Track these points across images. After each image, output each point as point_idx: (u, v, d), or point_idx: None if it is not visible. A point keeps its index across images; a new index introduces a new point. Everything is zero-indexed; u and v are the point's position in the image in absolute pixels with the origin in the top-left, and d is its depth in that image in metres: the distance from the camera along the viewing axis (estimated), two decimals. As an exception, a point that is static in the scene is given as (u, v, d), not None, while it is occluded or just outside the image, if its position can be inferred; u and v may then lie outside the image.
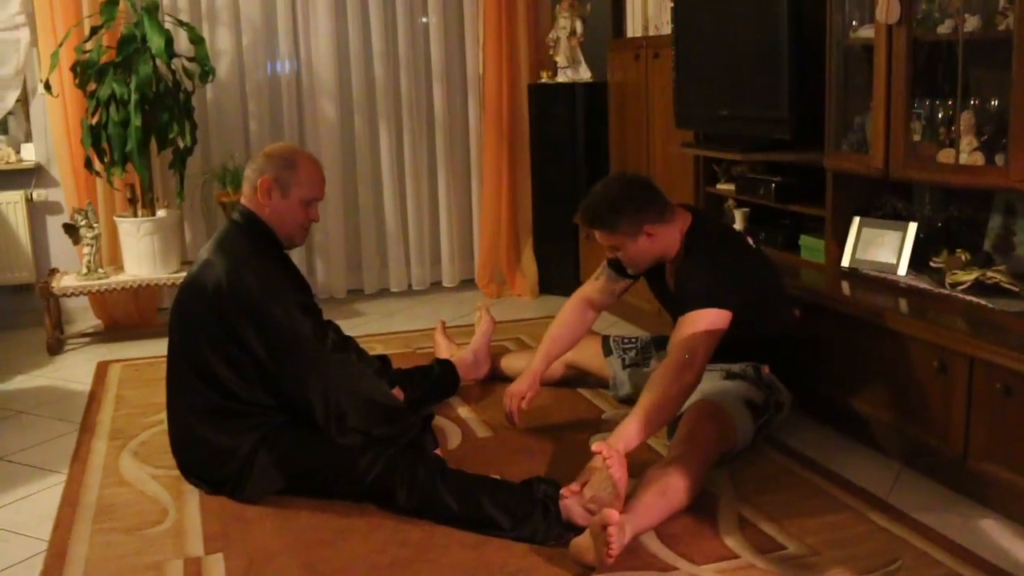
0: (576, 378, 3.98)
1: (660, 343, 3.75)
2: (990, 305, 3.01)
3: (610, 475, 2.61)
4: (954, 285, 3.19)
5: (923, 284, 3.33)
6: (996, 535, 2.72)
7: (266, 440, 2.99)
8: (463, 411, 3.77)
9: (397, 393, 3.40)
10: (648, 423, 2.88)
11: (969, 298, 3.10)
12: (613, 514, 2.46)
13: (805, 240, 3.94)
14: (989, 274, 3.13)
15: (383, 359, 3.78)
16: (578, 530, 2.63)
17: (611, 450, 2.64)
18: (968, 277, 3.17)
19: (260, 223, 3.10)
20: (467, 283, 6.07)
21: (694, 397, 3.18)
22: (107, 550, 2.75)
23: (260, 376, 3.00)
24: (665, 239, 3.28)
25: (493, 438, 3.50)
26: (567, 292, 5.60)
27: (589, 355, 3.88)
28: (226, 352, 2.98)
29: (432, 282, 6.04)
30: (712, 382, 3.30)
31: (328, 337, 3.05)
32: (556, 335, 3.68)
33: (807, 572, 2.51)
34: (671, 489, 2.76)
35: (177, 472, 3.18)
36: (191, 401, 3.05)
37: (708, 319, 3.04)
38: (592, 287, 3.69)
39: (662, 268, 3.43)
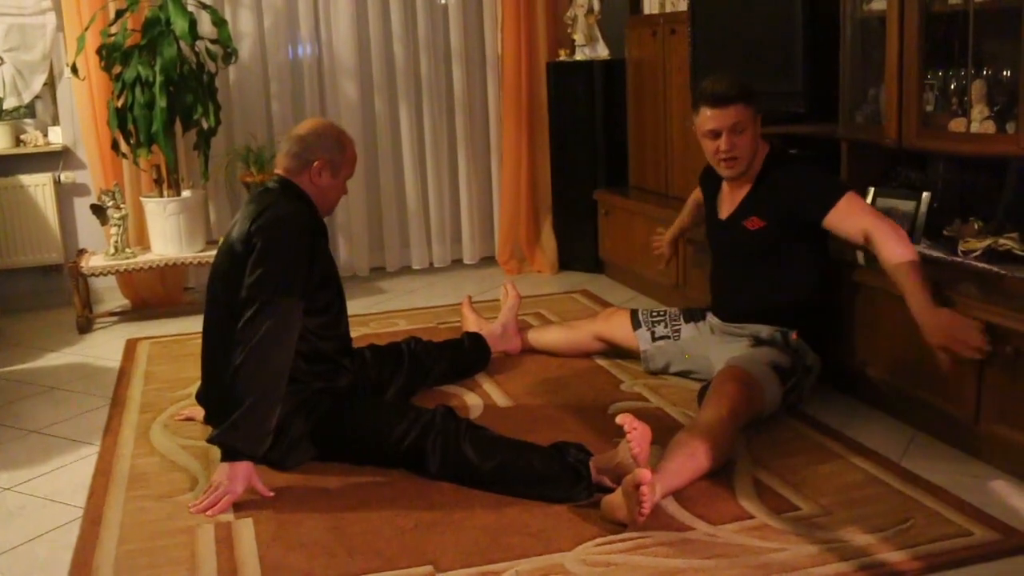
0: (605, 351, 4.05)
1: (689, 315, 3.82)
2: (1001, 271, 3.05)
3: (628, 444, 2.68)
4: (966, 252, 3.22)
5: (937, 253, 3.36)
6: (1006, 495, 2.77)
7: (301, 409, 3.04)
8: (484, 382, 3.84)
9: None
10: (921, 276, 3.04)
11: (981, 265, 3.14)
12: (646, 473, 2.53)
13: (821, 212, 3.97)
14: (1001, 241, 3.15)
15: (415, 339, 3.82)
16: (605, 491, 2.70)
17: (632, 421, 2.70)
18: (980, 244, 3.19)
19: (299, 191, 3.16)
20: (487, 260, 6.14)
21: (721, 364, 3.27)
22: (140, 515, 2.83)
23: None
24: (759, 145, 3.46)
25: (514, 408, 3.56)
26: (586, 268, 5.74)
27: (618, 328, 3.95)
28: None
29: (453, 259, 6.12)
30: (740, 349, 3.38)
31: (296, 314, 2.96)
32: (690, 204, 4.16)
33: (820, 531, 2.57)
34: (699, 452, 2.82)
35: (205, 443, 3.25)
36: (227, 360, 2.98)
37: (856, 199, 3.29)
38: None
39: (715, 203, 3.64)
